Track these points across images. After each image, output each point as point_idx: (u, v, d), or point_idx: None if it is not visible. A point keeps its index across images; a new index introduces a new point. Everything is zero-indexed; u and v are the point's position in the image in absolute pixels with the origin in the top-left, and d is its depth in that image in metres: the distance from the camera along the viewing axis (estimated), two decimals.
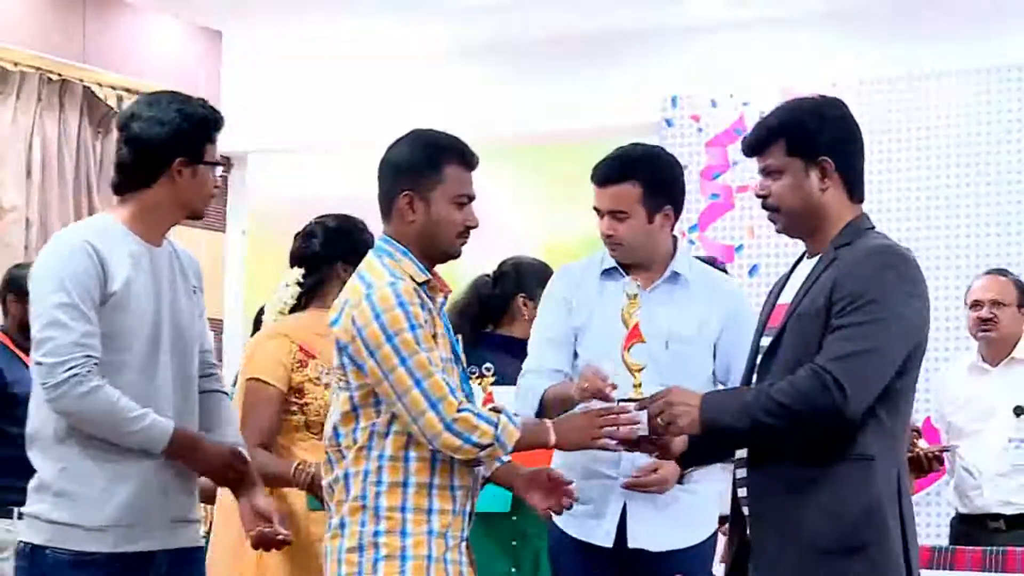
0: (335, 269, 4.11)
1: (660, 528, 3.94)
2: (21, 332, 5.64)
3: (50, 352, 3.26)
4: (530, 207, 7.95)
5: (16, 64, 7.73)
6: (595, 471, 3.93)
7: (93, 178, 8.04)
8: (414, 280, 3.28)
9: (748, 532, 3.23)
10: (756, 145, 3.29)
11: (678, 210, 4.05)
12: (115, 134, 8.38)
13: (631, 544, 3.93)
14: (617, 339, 3.48)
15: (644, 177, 3.96)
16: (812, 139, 3.25)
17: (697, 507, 3.98)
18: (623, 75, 8.27)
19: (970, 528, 5.74)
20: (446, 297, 3.42)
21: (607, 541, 3.94)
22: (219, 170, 3.52)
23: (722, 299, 4.04)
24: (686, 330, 3.95)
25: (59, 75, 7.94)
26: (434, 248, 3.33)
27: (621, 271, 4.03)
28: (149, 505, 3.35)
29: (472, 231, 3.37)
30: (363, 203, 3.73)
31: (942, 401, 5.96)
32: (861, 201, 3.30)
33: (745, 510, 3.23)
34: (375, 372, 3.20)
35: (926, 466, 4.49)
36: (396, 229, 3.34)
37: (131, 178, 3.45)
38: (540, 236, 8.20)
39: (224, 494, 4.06)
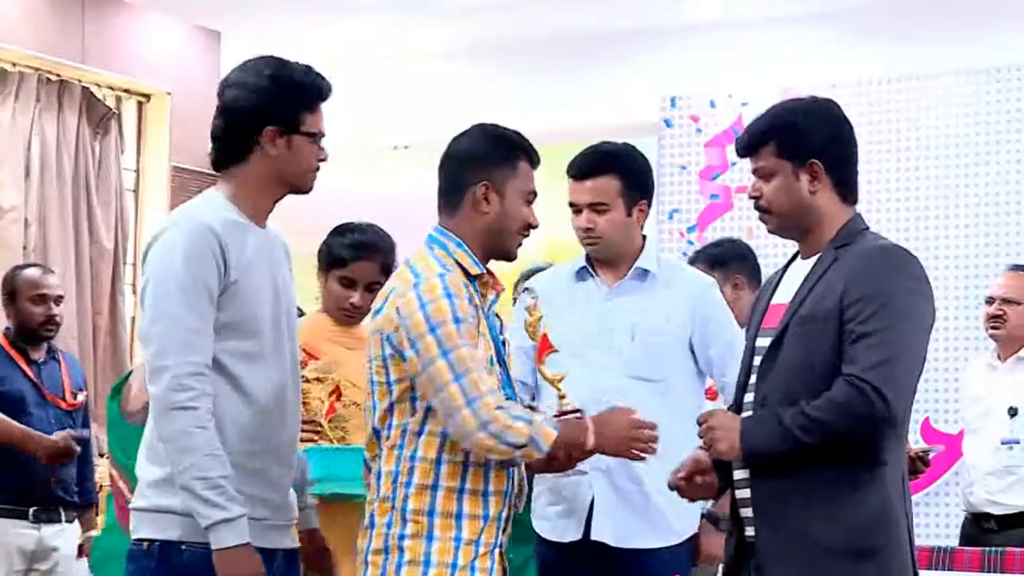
0: (321, 275, 4.17)
1: (626, 524, 3.93)
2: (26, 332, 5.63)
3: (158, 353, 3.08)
4: None
5: (15, 64, 7.72)
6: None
7: (92, 178, 8.03)
8: (468, 273, 3.23)
9: (748, 532, 3.22)
10: (747, 147, 3.29)
11: (650, 206, 4.11)
12: (113, 134, 8.45)
13: (593, 536, 3.93)
14: (587, 336, 3.48)
15: (622, 170, 4.03)
16: (802, 141, 3.24)
17: (672, 509, 3.92)
18: (623, 75, 8.27)
19: (971, 528, 5.76)
20: (498, 296, 3.35)
21: (576, 534, 3.95)
22: (324, 143, 3.30)
23: (690, 291, 4.05)
24: (652, 321, 3.97)
25: (58, 75, 7.93)
26: (498, 243, 3.28)
27: (591, 271, 4.08)
28: (277, 502, 3.21)
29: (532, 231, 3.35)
30: (363, 202, 3.72)
31: (961, 400, 5.98)
32: (855, 203, 3.29)
33: (745, 511, 3.22)
34: (415, 363, 3.11)
35: (909, 466, 4.50)
36: (460, 221, 3.27)
37: (225, 151, 3.24)
38: (540, 235, 8.18)
39: None
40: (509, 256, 3.33)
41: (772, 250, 7.56)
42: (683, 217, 7.94)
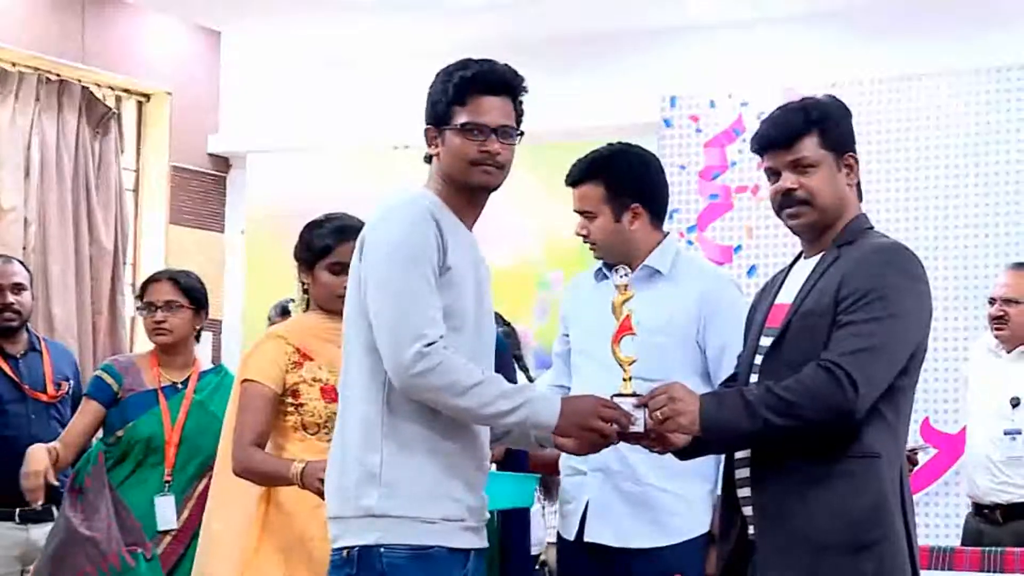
0: (306, 272, 4.04)
1: (622, 524, 3.92)
2: None
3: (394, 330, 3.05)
4: (530, 207, 7.93)
5: (15, 64, 7.74)
6: (571, 467, 4.01)
7: (92, 178, 8.04)
8: None
9: (749, 532, 3.22)
10: (787, 138, 3.23)
11: (651, 206, 4.02)
12: (113, 134, 8.45)
13: (587, 538, 3.94)
14: (599, 335, 3.47)
15: (607, 176, 3.98)
16: (844, 134, 3.25)
17: (671, 506, 3.91)
18: (623, 75, 8.27)
19: (973, 521, 5.78)
20: None
21: (570, 534, 3.99)
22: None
23: (698, 288, 3.99)
24: (654, 320, 3.88)
25: (58, 75, 7.94)
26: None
27: (606, 270, 4.06)
28: (472, 504, 3.16)
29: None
30: (363, 202, 3.71)
31: (968, 383, 6.02)
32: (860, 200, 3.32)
33: (747, 510, 3.23)
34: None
35: None
36: None
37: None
38: (540, 236, 8.20)
39: (219, 483, 4.04)
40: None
41: (774, 250, 7.58)
42: (683, 217, 7.93)
